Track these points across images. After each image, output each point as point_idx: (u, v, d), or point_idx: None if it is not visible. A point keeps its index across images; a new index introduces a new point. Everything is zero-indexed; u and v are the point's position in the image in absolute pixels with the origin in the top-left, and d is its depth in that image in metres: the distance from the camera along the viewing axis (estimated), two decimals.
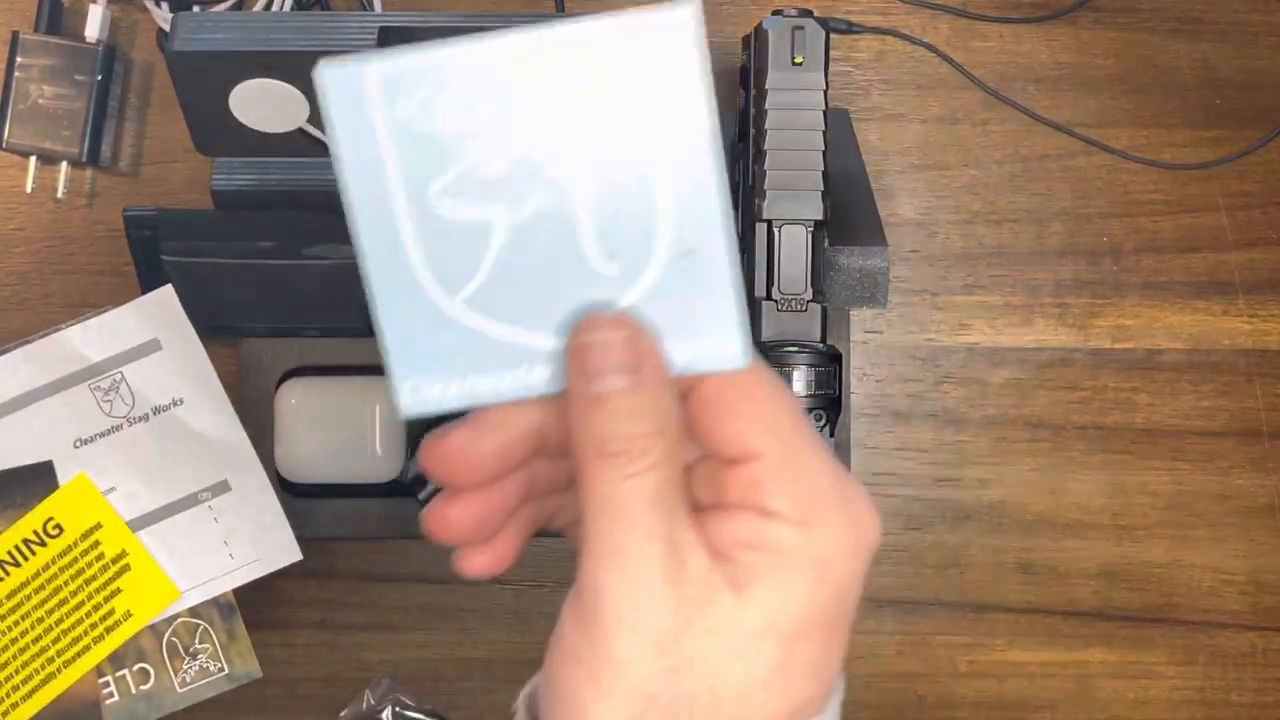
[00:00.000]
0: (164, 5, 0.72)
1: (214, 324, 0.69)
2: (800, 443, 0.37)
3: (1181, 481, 0.75)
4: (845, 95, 0.75)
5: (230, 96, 0.61)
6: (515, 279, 0.37)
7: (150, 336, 0.63)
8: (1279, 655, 0.75)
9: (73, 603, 0.63)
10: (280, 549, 0.64)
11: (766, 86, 0.60)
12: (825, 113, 0.60)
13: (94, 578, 0.64)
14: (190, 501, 0.63)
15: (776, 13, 0.60)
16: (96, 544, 0.63)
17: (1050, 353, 0.75)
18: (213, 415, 0.63)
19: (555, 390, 0.37)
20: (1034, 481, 0.75)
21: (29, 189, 0.73)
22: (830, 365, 0.59)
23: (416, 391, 0.38)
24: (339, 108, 0.35)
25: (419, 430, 0.72)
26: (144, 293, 0.68)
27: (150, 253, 0.67)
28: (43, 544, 0.63)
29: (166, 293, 0.63)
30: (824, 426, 0.60)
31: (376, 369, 0.76)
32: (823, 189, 0.60)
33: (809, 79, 0.60)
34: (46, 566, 0.63)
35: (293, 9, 0.73)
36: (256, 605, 0.74)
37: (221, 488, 0.63)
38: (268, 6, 0.72)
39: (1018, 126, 0.76)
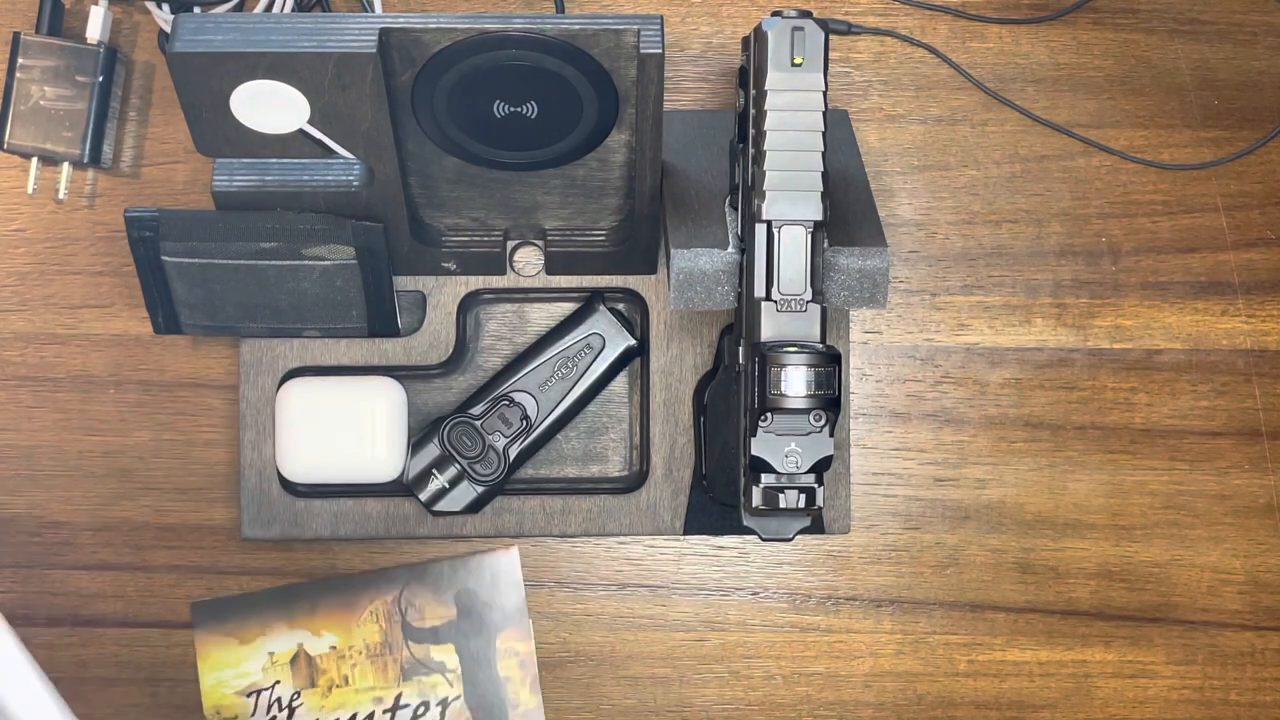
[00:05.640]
0: (165, 7, 0.72)
1: (214, 324, 0.70)
2: None
3: (1180, 481, 0.75)
4: (844, 96, 0.75)
5: (231, 97, 0.61)
6: None
7: None
8: (1277, 655, 0.75)
9: None
10: None
11: (766, 87, 0.60)
12: (825, 113, 0.60)
13: None
14: None
15: (776, 14, 0.60)
16: None
17: (1049, 353, 0.75)
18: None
19: None
20: (1033, 481, 0.75)
21: (30, 190, 0.73)
22: (830, 365, 0.59)
23: None
24: None
25: (419, 430, 0.72)
26: (144, 292, 0.68)
27: (151, 253, 0.67)
28: None
29: None
30: (824, 426, 0.60)
31: (376, 369, 0.76)
32: (822, 189, 0.60)
33: (808, 80, 0.60)
34: None
35: (293, 10, 0.73)
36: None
37: None
38: (268, 8, 0.72)
39: (1017, 127, 0.76)
